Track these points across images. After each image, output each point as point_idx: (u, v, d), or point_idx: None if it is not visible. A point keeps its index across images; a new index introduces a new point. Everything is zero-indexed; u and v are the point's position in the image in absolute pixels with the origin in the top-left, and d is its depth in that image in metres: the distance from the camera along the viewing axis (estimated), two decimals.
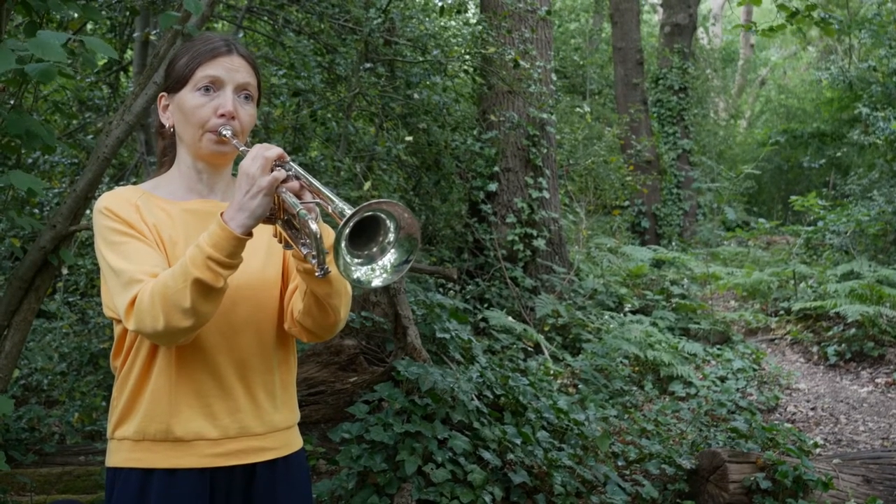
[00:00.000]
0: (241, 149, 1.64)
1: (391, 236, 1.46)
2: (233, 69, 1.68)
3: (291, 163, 1.54)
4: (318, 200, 1.49)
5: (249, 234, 1.50)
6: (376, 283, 1.46)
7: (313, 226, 1.43)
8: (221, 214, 1.50)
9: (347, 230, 1.37)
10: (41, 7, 2.90)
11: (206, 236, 1.50)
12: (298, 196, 1.49)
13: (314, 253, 1.44)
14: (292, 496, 1.74)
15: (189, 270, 1.47)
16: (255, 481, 1.69)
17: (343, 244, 1.38)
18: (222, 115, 1.66)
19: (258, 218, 1.49)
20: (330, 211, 1.48)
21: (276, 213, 1.53)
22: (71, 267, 6.17)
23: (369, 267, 1.45)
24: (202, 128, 1.67)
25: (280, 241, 1.56)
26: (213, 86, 1.67)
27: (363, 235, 1.44)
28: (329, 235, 1.59)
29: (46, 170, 5.64)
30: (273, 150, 1.50)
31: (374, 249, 1.46)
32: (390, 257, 1.46)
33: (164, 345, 1.60)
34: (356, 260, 1.44)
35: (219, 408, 1.65)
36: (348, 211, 1.40)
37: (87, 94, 5.90)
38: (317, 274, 1.44)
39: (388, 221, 1.45)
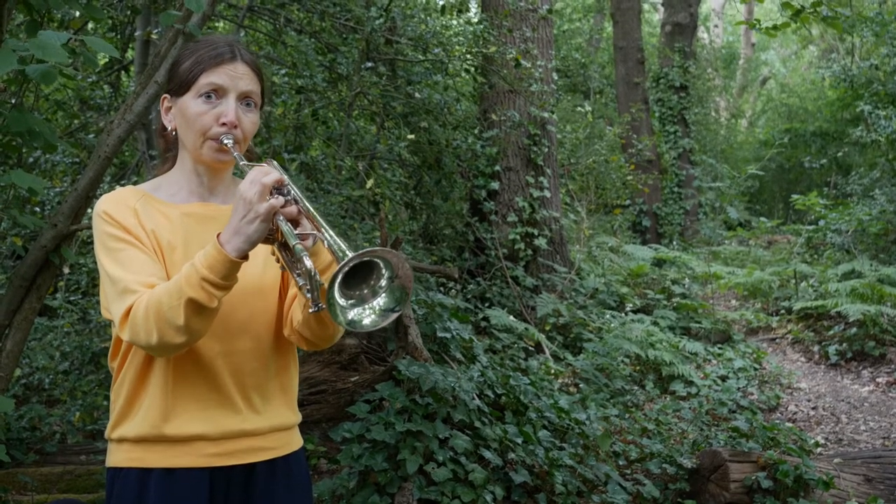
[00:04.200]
0: (241, 163, 1.65)
1: (383, 282, 1.46)
2: (236, 76, 1.67)
3: (291, 185, 1.53)
4: (315, 232, 1.49)
5: (245, 257, 1.50)
6: (366, 322, 1.45)
7: (308, 262, 1.42)
8: (218, 236, 1.50)
9: (341, 275, 1.37)
10: (42, 6, 2.89)
11: (201, 256, 1.49)
12: (296, 222, 1.50)
13: (308, 287, 1.43)
14: (292, 495, 1.74)
15: (183, 289, 1.47)
16: (254, 480, 1.69)
17: (336, 290, 1.38)
18: (224, 124, 1.65)
19: (254, 243, 1.49)
20: (325, 247, 1.48)
21: (274, 235, 1.52)
22: (72, 266, 6.17)
23: (360, 308, 1.45)
24: (204, 135, 1.66)
25: (278, 262, 1.57)
26: (215, 93, 1.66)
27: (356, 276, 1.43)
28: (328, 259, 1.58)
29: (48, 169, 5.64)
30: (271, 176, 1.49)
31: (366, 291, 1.46)
32: (380, 301, 1.46)
33: (157, 356, 1.61)
34: (349, 301, 1.44)
35: (217, 410, 1.65)
36: (344, 246, 1.40)
37: (89, 93, 5.90)
38: (310, 310, 1.44)
39: (382, 267, 1.45)
